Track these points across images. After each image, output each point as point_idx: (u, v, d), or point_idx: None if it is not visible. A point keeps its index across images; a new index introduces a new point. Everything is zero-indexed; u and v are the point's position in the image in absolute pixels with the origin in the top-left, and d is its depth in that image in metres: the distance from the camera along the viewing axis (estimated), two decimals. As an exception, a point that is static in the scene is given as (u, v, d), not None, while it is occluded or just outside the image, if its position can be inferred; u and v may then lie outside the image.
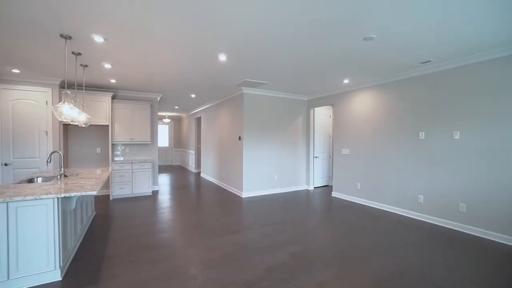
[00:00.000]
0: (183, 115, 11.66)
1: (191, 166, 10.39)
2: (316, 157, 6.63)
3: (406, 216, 4.28)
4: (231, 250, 3.01)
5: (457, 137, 3.65)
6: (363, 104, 5.07)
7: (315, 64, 3.80)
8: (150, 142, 6.11)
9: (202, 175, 8.88)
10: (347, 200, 5.40)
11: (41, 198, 2.24)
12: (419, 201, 4.13)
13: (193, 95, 6.53)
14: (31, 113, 4.61)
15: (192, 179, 8.31)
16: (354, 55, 3.39)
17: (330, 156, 7.00)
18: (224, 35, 2.78)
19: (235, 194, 5.99)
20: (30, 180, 3.16)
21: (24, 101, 4.56)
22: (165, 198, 5.64)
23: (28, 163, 4.61)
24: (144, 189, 5.78)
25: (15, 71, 4.22)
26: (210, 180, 7.94)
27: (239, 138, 5.81)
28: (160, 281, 2.35)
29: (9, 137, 4.47)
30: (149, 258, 2.79)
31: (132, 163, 5.62)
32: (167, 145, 12.29)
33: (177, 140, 12.52)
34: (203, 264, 2.68)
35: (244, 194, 5.69)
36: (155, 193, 6.03)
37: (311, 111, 6.52)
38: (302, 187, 6.60)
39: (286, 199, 5.52)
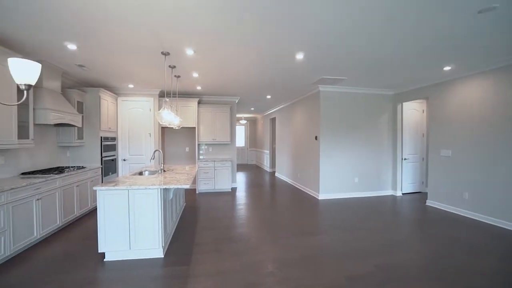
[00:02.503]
0: (258, 116, 12.16)
1: (266, 166, 10.71)
2: (405, 159, 5.78)
3: (544, 239, 3.23)
4: (308, 252, 2.92)
5: None
6: (472, 95, 4.11)
7: (407, 51, 3.29)
8: (229, 142, 6.60)
9: (276, 174, 9.03)
10: (449, 212, 4.48)
11: (149, 188, 2.71)
12: None
13: (268, 96, 6.71)
14: (139, 119, 5.66)
15: (267, 178, 8.55)
16: (462, 35, 2.76)
17: (423, 158, 5.99)
18: (302, 33, 2.73)
19: (311, 195, 5.83)
20: (140, 173, 3.86)
21: (136, 109, 5.64)
22: (242, 195, 5.97)
23: (137, 159, 5.67)
24: (224, 186, 6.27)
25: (130, 86, 5.27)
26: (285, 180, 7.98)
27: (316, 137, 5.62)
28: (241, 273, 2.48)
29: (126, 139, 5.61)
30: (231, 250, 2.99)
31: (214, 161, 6.19)
32: (243, 145, 13.06)
33: (253, 140, 13.14)
34: (281, 262, 2.69)
35: (321, 196, 5.46)
36: (233, 190, 6.47)
37: (399, 106, 5.72)
38: (387, 192, 5.87)
39: (368, 204, 5.01)
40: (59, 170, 3.79)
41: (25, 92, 1.31)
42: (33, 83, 1.30)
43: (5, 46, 2.99)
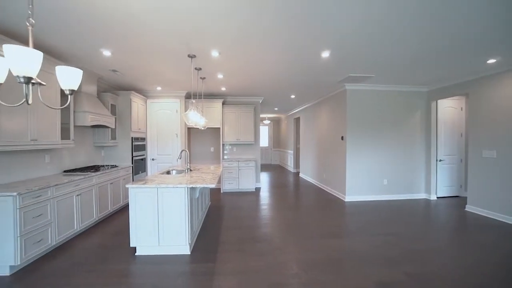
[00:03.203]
0: (282, 116, 12.09)
1: (290, 166, 10.61)
2: (440, 160, 5.40)
3: None
4: (335, 255, 2.84)
5: None
6: (520, 90, 3.72)
7: (446, 44, 3.05)
8: (253, 142, 6.63)
9: (301, 175, 8.91)
10: (493, 218, 4.10)
11: (177, 187, 2.81)
12: None
13: (293, 96, 6.64)
14: (167, 120, 5.89)
15: (291, 178, 8.47)
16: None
17: (461, 160, 5.55)
18: (328, 31, 2.66)
19: (336, 197, 5.67)
20: (168, 172, 4.01)
21: (163, 111, 5.88)
22: (266, 195, 5.97)
23: (165, 158, 5.91)
24: (248, 185, 6.31)
25: (158, 88, 5.51)
26: (309, 180, 7.84)
27: (342, 138, 5.46)
28: (266, 273, 2.47)
29: (155, 139, 5.87)
30: (255, 250, 3.00)
31: (238, 161, 6.26)
32: (267, 145, 13.06)
33: (276, 140, 13.09)
34: (306, 264, 2.64)
35: (347, 198, 5.29)
36: (257, 190, 6.49)
37: (433, 104, 5.35)
38: (419, 195, 5.52)
39: (398, 208, 4.75)
40: (95, 168, 4.07)
41: (69, 96, 1.42)
42: (76, 88, 1.41)
43: (51, 55, 3.28)
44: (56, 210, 2.94)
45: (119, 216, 4.27)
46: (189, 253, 2.89)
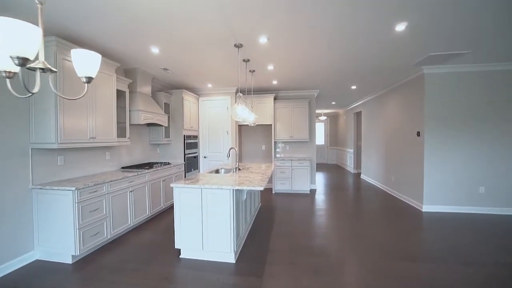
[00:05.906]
0: (340, 111, 11.07)
1: (349, 166, 9.60)
2: None
3: None
4: (413, 285, 2.16)
5: None
6: None
7: None
8: (308, 140, 6.07)
9: (362, 176, 7.90)
10: None
11: (221, 188, 2.55)
12: None
13: (353, 87, 5.81)
14: (218, 118, 5.82)
15: (351, 180, 7.57)
16: None
17: None
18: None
19: (410, 205, 4.69)
20: (217, 171, 3.85)
21: (214, 108, 5.83)
22: (323, 198, 5.36)
23: (216, 156, 5.86)
24: (302, 187, 5.80)
25: (209, 85, 5.47)
26: (373, 183, 6.85)
27: (418, 134, 4.46)
28: (323, 301, 2.00)
29: (206, 137, 5.88)
30: (309, 264, 2.54)
31: (291, 160, 5.80)
32: (322, 143, 12.18)
33: (333, 137, 12.08)
34: (376, 295, 2.06)
35: (425, 208, 4.29)
36: (312, 192, 5.91)
37: (559, 85, 3.90)
38: (535, 209, 4.12)
39: (505, 226, 3.59)
40: (149, 165, 4.18)
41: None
42: (93, 75, 1.23)
43: (108, 57, 3.43)
44: (111, 205, 3.04)
45: (171, 212, 4.32)
46: (234, 261, 2.61)
